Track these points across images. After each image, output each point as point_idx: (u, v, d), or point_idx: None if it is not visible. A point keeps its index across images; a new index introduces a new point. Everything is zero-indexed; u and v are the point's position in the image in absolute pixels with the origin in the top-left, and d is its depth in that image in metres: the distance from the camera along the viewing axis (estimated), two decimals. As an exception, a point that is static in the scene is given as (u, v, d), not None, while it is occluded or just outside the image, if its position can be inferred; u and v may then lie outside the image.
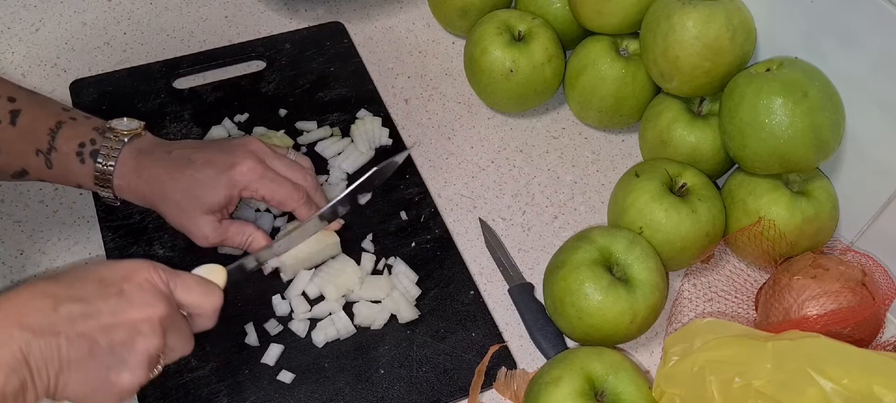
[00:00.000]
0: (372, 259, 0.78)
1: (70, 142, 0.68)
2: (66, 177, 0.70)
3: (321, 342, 0.73)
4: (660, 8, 0.80)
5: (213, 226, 0.70)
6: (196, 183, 0.69)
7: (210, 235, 0.71)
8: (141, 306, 0.53)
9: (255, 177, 0.70)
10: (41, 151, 0.67)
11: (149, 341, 0.53)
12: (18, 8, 0.99)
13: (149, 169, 0.70)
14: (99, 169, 0.69)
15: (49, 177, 0.69)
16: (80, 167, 0.68)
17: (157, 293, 0.55)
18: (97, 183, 0.70)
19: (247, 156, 0.71)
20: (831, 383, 0.57)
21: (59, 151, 0.68)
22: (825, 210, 0.77)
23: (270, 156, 0.73)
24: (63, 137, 0.68)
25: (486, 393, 0.73)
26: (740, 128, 0.74)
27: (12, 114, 0.67)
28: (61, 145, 0.68)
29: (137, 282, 0.54)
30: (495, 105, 0.94)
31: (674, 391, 0.63)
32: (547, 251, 0.81)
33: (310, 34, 0.99)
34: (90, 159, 0.68)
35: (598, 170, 0.91)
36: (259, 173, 0.70)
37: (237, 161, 0.70)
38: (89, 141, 0.69)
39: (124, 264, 0.55)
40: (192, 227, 0.70)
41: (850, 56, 0.74)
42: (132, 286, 0.54)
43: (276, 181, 0.71)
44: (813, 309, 0.70)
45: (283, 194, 0.71)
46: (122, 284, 0.53)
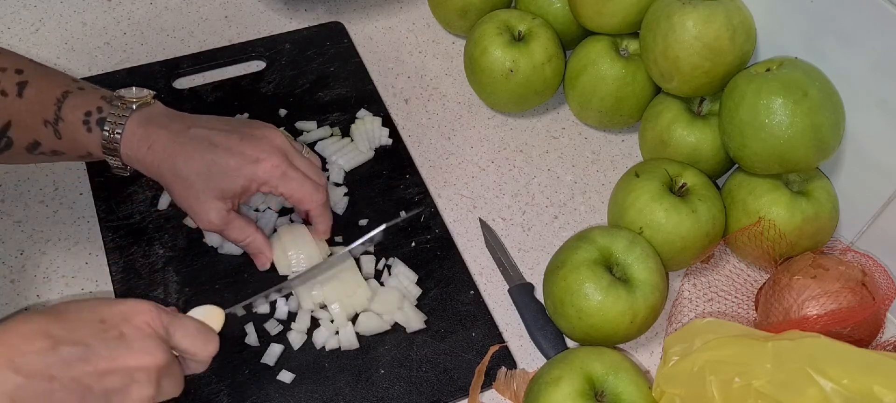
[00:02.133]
0: (372, 259, 0.78)
1: (76, 112, 0.67)
2: (75, 147, 0.69)
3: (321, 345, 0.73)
4: (660, 8, 0.80)
5: (221, 214, 0.69)
6: (216, 167, 0.68)
7: (215, 221, 0.69)
8: (139, 353, 0.52)
9: (277, 175, 0.69)
10: (49, 122, 0.67)
11: (143, 390, 0.52)
12: (18, 8, 0.99)
13: (162, 141, 0.68)
14: (106, 136, 0.67)
15: (61, 148, 0.68)
16: (87, 136, 0.67)
17: (156, 340, 0.53)
18: (105, 151, 0.68)
19: (273, 153, 0.69)
20: (831, 383, 0.57)
21: (66, 121, 0.67)
22: (825, 210, 0.77)
23: (293, 154, 0.72)
24: (69, 107, 0.67)
25: (486, 393, 0.73)
26: (740, 128, 0.74)
27: (19, 86, 0.66)
28: (67, 115, 0.67)
29: (137, 326, 0.53)
30: (495, 105, 0.94)
31: (674, 391, 0.63)
32: (547, 251, 0.81)
33: (310, 34, 0.99)
34: (97, 127, 0.67)
35: (598, 170, 0.91)
36: (282, 171, 0.69)
37: (262, 156, 0.69)
38: (96, 109, 0.67)
39: (126, 304, 0.54)
40: (200, 209, 0.69)
41: (850, 56, 0.74)
42: (132, 329, 0.52)
43: (298, 180, 0.70)
44: (813, 309, 0.70)
45: (304, 194, 0.71)
46: (123, 326, 0.52)
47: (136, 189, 0.82)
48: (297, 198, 0.71)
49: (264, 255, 0.74)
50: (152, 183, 0.82)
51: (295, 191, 0.70)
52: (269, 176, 0.69)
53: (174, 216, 0.80)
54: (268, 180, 0.69)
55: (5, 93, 0.66)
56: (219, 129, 0.70)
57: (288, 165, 0.70)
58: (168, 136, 0.68)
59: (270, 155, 0.69)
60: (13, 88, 0.66)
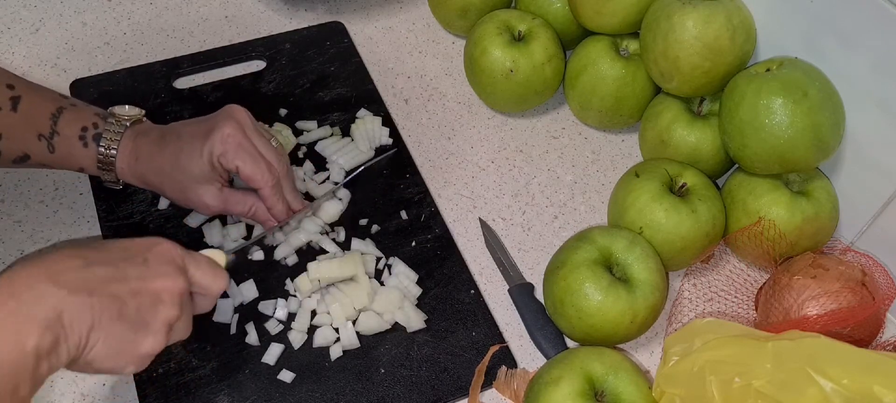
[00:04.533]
0: (372, 259, 0.78)
1: (72, 126, 0.69)
2: (68, 161, 0.70)
3: (321, 344, 0.73)
4: (660, 8, 0.80)
5: (213, 194, 0.71)
6: (181, 153, 0.70)
7: (211, 203, 0.72)
8: (163, 276, 0.56)
9: (231, 146, 0.70)
10: (43, 136, 0.68)
11: (169, 310, 0.56)
12: (18, 8, 0.99)
13: (145, 149, 0.71)
14: (102, 152, 0.70)
15: (50, 162, 0.70)
16: (83, 151, 0.70)
17: (176, 267, 0.57)
18: (100, 166, 0.71)
19: (226, 122, 0.70)
20: (831, 383, 0.57)
21: (62, 135, 0.69)
22: (825, 210, 0.77)
23: (252, 129, 0.72)
24: (65, 121, 0.69)
25: (486, 393, 0.73)
26: (740, 128, 0.74)
27: (13, 101, 0.67)
28: (63, 129, 0.69)
29: (159, 253, 0.56)
30: (495, 105, 0.94)
31: (674, 391, 0.63)
32: (547, 251, 0.81)
33: (310, 34, 0.99)
34: (93, 143, 0.70)
35: (598, 170, 0.91)
36: (236, 142, 0.70)
37: (216, 127, 0.70)
38: (92, 125, 0.70)
39: (147, 239, 0.57)
40: (193, 197, 0.71)
41: (850, 56, 0.74)
42: (155, 256, 0.56)
43: (253, 155, 0.71)
44: (813, 309, 0.70)
45: (256, 170, 0.71)
46: (146, 254, 0.56)
47: (136, 189, 0.82)
48: (248, 173, 0.71)
49: (271, 220, 0.75)
50: (152, 182, 0.82)
51: (247, 165, 0.70)
52: (223, 147, 0.70)
53: (174, 215, 0.80)
54: (224, 151, 0.70)
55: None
56: (187, 122, 0.73)
57: (242, 137, 0.70)
58: (149, 144, 0.71)
59: (224, 124, 0.70)
60: (7, 102, 0.67)
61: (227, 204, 0.72)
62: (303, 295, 0.75)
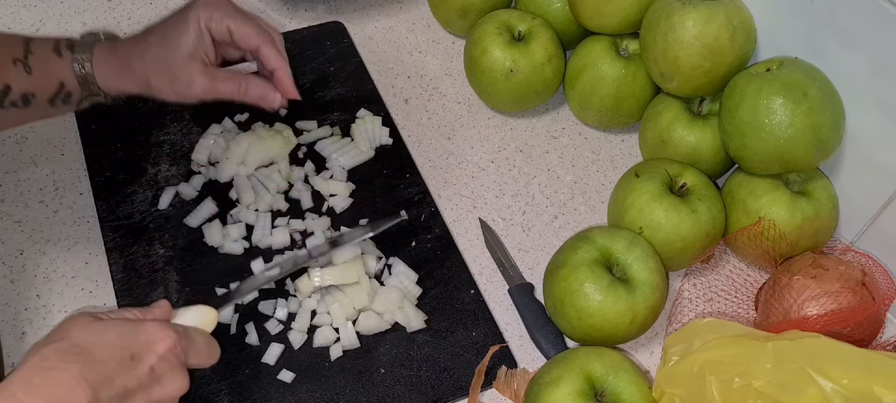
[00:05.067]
0: (372, 259, 0.78)
1: (45, 44, 0.69)
2: (47, 80, 0.69)
3: (321, 344, 0.73)
4: (660, 8, 0.80)
5: (201, 72, 0.69)
6: (165, 35, 0.69)
7: (202, 83, 0.69)
8: (169, 385, 0.55)
9: (216, 9, 0.69)
10: (18, 59, 0.68)
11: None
12: (18, 8, 0.99)
13: (125, 46, 0.70)
14: (77, 59, 0.69)
15: (31, 87, 0.69)
16: (59, 62, 0.69)
17: (180, 368, 0.56)
18: (79, 77, 0.69)
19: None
20: (831, 383, 0.57)
21: (36, 55, 0.68)
22: (825, 210, 0.77)
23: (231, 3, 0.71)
24: (37, 43, 0.69)
25: (486, 393, 0.73)
26: (740, 128, 0.74)
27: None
28: (36, 49, 0.69)
29: (163, 357, 0.55)
30: (495, 105, 0.94)
31: (674, 391, 0.63)
32: (547, 251, 0.81)
33: (310, 34, 0.99)
34: (68, 51, 0.69)
35: (598, 170, 0.91)
36: (219, 5, 0.69)
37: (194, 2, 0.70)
38: (65, 40, 0.70)
39: (147, 332, 0.56)
40: (181, 79, 0.69)
41: (850, 56, 0.74)
42: (160, 363, 0.55)
43: (242, 14, 0.70)
44: (813, 309, 0.70)
45: (250, 27, 0.70)
46: (150, 359, 0.55)
47: (136, 189, 0.82)
48: (244, 31, 0.69)
49: (270, 95, 0.72)
50: (152, 182, 0.82)
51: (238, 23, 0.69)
52: (208, 11, 0.69)
53: (174, 215, 0.80)
54: (210, 14, 0.69)
55: None
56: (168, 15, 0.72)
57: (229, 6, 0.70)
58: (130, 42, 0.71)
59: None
60: None
61: (215, 82, 0.70)
62: (303, 295, 0.75)
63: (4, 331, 0.72)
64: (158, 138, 0.86)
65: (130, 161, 0.84)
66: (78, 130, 0.86)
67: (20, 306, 0.74)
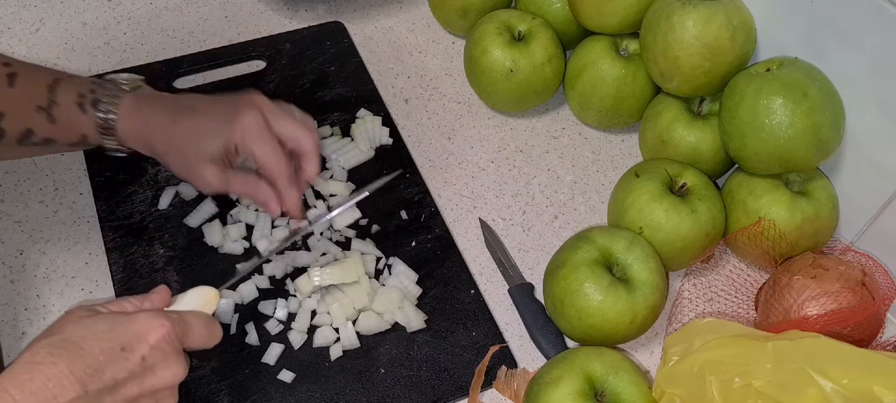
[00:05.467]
0: (372, 259, 0.78)
1: (69, 95, 0.69)
2: (69, 131, 0.69)
3: (321, 344, 0.73)
4: (660, 8, 0.80)
5: (215, 174, 0.70)
6: (197, 130, 0.69)
7: (213, 182, 0.70)
8: (162, 372, 0.55)
9: (252, 135, 0.69)
10: (42, 107, 0.68)
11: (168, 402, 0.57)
12: (18, 8, 0.99)
13: (154, 116, 0.70)
14: (100, 117, 0.69)
15: (54, 135, 0.69)
16: (82, 117, 0.69)
17: (175, 355, 0.56)
18: (101, 132, 0.70)
19: (250, 110, 0.69)
20: (831, 383, 0.57)
21: (60, 105, 0.68)
22: (825, 210, 0.77)
23: (275, 114, 0.71)
24: (62, 91, 0.68)
25: (486, 393, 0.73)
26: (740, 128, 0.74)
27: (10, 77, 0.67)
28: (61, 99, 0.68)
29: (156, 345, 0.55)
30: (495, 105, 0.94)
31: (674, 391, 0.63)
32: (547, 251, 0.81)
33: (310, 34, 0.99)
34: (91, 108, 0.69)
35: (598, 170, 0.91)
36: (257, 131, 0.69)
37: (239, 113, 0.69)
38: (89, 91, 0.69)
39: (139, 322, 0.55)
40: (196, 174, 0.70)
41: (850, 56, 0.74)
42: (152, 352, 0.55)
43: (272, 145, 0.70)
44: (813, 309, 0.70)
45: (272, 159, 0.69)
46: (142, 349, 0.54)
47: (136, 189, 0.82)
48: (264, 161, 0.69)
49: (273, 204, 0.72)
50: (152, 182, 0.82)
51: (266, 157, 0.69)
52: (244, 135, 0.69)
53: (174, 215, 0.80)
54: (243, 139, 0.69)
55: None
56: (202, 98, 0.72)
57: (265, 126, 0.69)
58: (159, 111, 0.70)
59: (248, 112, 0.69)
60: (3, 79, 0.67)
61: (228, 185, 0.71)
62: (303, 295, 0.75)
63: (4, 331, 0.72)
64: (158, 138, 0.86)
65: (130, 161, 0.84)
66: (78, 130, 0.86)
67: (20, 306, 0.74)
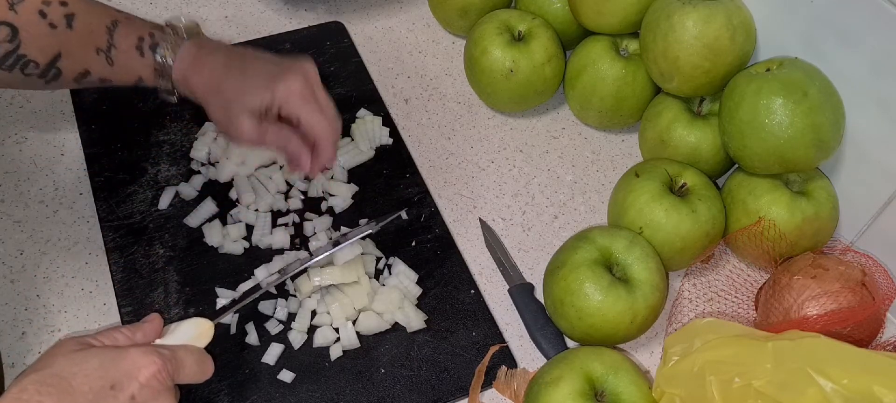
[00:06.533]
0: (372, 259, 0.78)
1: (129, 38, 0.70)
2: (126, 73, 0.71)
3: (321, 344, 0.73)
4: (660, 8, 0.80)
5: (253, 125, 0.70)
6: (243, 85, 0.70)
7: (249, 132, 0.70)
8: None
9: (296, 96, 0.70)
10: (101, 50, 0.69)
11: None
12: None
13: (208, 66, 0.71)
14: (159, 61, 0.70)
15: (110, 75, 0.71)
16: (140, 61, 0.70)
17: (165, 392, 0.56)
18: (157, 76, 0.71)
19: (297, 74, 0.71)
20: (831, 383, 0.57)
21: (119, 48, 0.70)
22: (825, 210, 0.77)
23: (319, 85, 0.72)
24: (121, 34, 0.70)
25: (486, 393, 0.73)
26: (740, 128, 0.74)
27: (68, 18, 0.67)
28: (120, 42, 0.70)
29: (146, 383, 0.55)
30: (495, 105, 0.94)
31: (674, 391, 0.63)
32: (547, 251, 0.81)
33: (310, 34, 0.99)
34: (150, 52, 0.70)
35: (598, 170, 0.91)
36: (301, 94, 0.70)
37: (286, 75, 0.70)
38: (148, 35, 0.71)
39: (129, 359, 0.55)
40: (234, 124, 0.70)
41: (850, 56, 0.74)
42: (143, 390, 0.54)
43: (316, 110, 0.71)
44: (813, 309, 0.70)
45: (319, 125, 0.70)
46: (132, 387, 0.54)
47: (136, 189, 0.82)
48: (311, 126, 0.70)
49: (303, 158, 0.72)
50: (152, 182, 0.82)
51: (311, 118, 0.70)
52: (287, 95, 0.70)
53: (174, 215, 0.80)
54: (287, 99, 0.70)
55: (54, 26, 0.67)
56: (258, 57, 0.73)
57: (309, 92, 0.71)
58: (215, 62, 0.71)
59: (294, 76, 0.70)
60: (61, 20, 0.67)
61: (263, 137, 0.71)
62: (303, 295, 0.75)
63: (4, 331, 0.72)
64: (158, 138, 0.86)
65: (130, 161, 0.84)
66: (78, 130, 0.86)
67: (20, 306, 0.74)
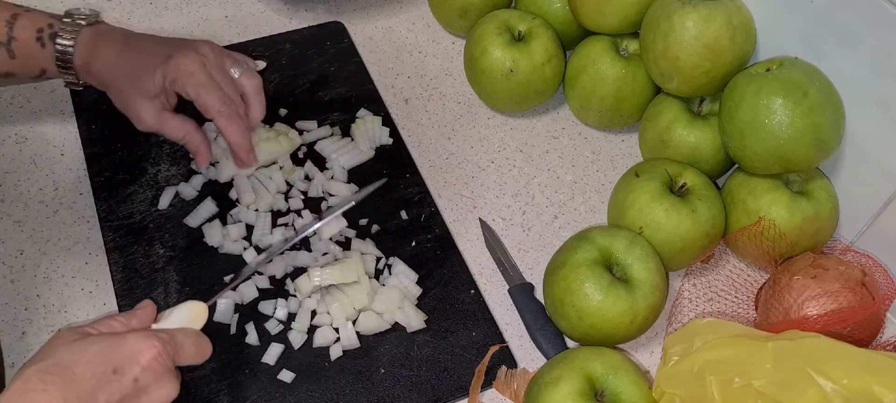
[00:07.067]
0: (372, 259, 0.78)
1: (28, 30, 0.71)
2: (29, 65, 0.72)
3: (321, 344, 0.73)
4: (660, 8, 0.80)
5: (152, 113, 0.71)
6: (138, 66, 0.71)
7: (148, 120, 0.71)
8: (155, 392, 0.55)
9: (185, 74, 0.70)
10: (2, 43, 0.70)
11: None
12: (18, 8, 0.99)
13: (104, 50, 0.72)
14: (59, 50, 0.71)
15: (13, 68, 0.72)
16: (41, 51, 0.71)
17: (167, 375, 0.56)
18: (59, 66, 0.72)
19: (188, 52, 0.71)
20: (831, 383, 0.57)
21: (19, 39, 0.71)
22: (825, 210, 0.77)
23: (214, 61, 0.72)
24: (20, 26, 0.71)
25: (486, 393, 0.73)
26: (740, 128, 0.74)
27: None
28: (20, 34, 0.71)
29: (147, 366, 0.55)
30: (495, 105, 0.94)
31: (674, 391, 0.63)
32: (547, 251, 0.81)
33: (310, 34, 0.99)
34: (50, 42, 0.71)
35: (598, 170, 0.91)
36: (191, 71, 0.70)
37: (176, 54, 0.71)
38: (47, 26, 0.72)
39: (130, 343, 0.55)
40: (133, 110, 0.72)
41: (850, 56, 0.74)
42: (145, 372, 0.55)
43: (208, 85, 0.70)
44: (813, 309, 0.70)
45: (207, 98, 0.70)
46: (134, 371, 0.54)
47: (136, 189, 0.82)
48: (202, 103, 0.70)
49: (202, 153, 0.73)
50: (152, 182, 0.82)
51: (201, 95, 0.70)
52: (178, 73, 0.70)
53: (174, 215, 0.80)
54: (177, 78, 0.70)
55: None
56: (153, 38, 0.73)
57: (201, 68, 0.71)
58: (110, 47, 0.72)
59: (185, 54, 0.71)
60: None
61: (163, 126, 0.72)
62: (303, 295, 0.75)
63: (4, 331, 0.72)
64: (158, 138, 0.86)
65: (130, 161, 0.84)
66: (78, 130, 0.86)
67: (20, 306, 0.74)
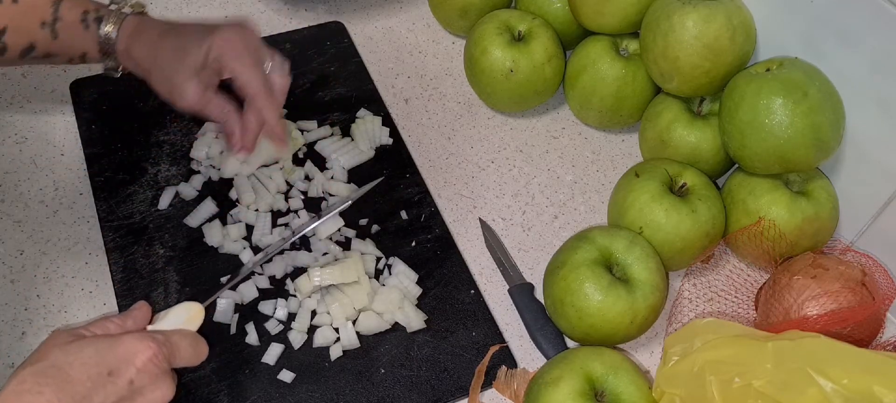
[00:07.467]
0: (372, 259, 0.78)
1: (73, 11, 0.71)
2: (71, 47, 0.72)
3: (321, 344, 0.73)
4: (660, 8, 0.80)
5: (197, 89, 0.70)
6: (179, 45, 0.71)
7: (192, 97, 0.70)
8: (151, 393, 0.55)
9: (228, 49, 0.70)
10: (46, 23, 0.70)
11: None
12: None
13: (146, 35, 0.72)
14: (102, 35, 0.71)
15: (55, 49, 0.72)
16: (84, 34, 0.71)
17: (163, 376, 0.56)
18: (101, 50, 0.72)
19: (232, 29, 0.71)
20: (831, 383, 0.57)
21: (64, 20, 0.71)
22: (825, 210, 0.77)
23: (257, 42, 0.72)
24: (66, 7, 0.71)
25: (486, 393, 0.73)
26: (740, 128, 0.74)
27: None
28: (65, 15, 0.71)
29: (143, 368, 0.55)
30: (495, 105, 0.94)
31: (674, 391, 0.63)
32: (547, 251, 0.81)
33: (310, 34, 0.99)
34: (94, 25, 0.71)
35: (598, 170, 0.91)
36: (235, 47, 0.70)
37: (220, 29, 0.70)
38: (93, 9, 0.72)
39: (125, 344, 0.55)
40: (176, 90, 0.70)
41: (850, 56, 0.74)
42: (140, 375, 0.54)
43: (250, 64, 0.70)
44: (813, 309, 0.70)
45: (251, 76, 0.70)
46: (130, 372, 0.54)
47: (136, 189, 0.82)
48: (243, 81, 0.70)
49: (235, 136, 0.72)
50: (152, 182, 0.82)
51: (243, 72, 0.70)
52: (221, 49, 0.69)
53: (174, 215, 0.80)
54: (220, 54, 0.69)
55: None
56: (195, 24, 0.73)
57: (243, 45, 0.70)
58: (153, 33, 0.72)
59: (228, 30, 0.70)
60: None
61: (207, 104, 0.71)
62: (303, 295, 0.75)
63: (4, 331, 0.72)
64: (158, 138, 0.86)
65: (130, 161, 0.84)
66: (78, 130, 0.86)
67: (20, 306, 0.74)
